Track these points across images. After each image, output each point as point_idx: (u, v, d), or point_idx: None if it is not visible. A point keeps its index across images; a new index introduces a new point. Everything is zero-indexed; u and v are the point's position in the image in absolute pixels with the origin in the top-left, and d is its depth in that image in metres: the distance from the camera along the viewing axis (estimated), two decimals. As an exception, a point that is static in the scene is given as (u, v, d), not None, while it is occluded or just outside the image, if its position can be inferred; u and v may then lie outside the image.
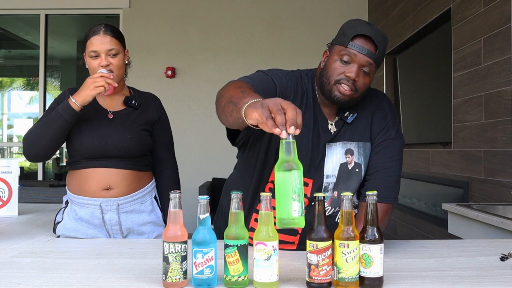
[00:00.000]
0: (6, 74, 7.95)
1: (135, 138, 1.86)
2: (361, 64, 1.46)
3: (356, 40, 1.46)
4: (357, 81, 1.47)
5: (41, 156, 1.82)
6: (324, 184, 1.56)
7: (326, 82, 1.50)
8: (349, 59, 1.46)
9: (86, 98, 1.74)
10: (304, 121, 1.47)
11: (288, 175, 1.08)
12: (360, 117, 1.58)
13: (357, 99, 1.52)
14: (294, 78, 1.57)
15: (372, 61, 1.46)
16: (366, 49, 1.45)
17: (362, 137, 1.59)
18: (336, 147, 1.57)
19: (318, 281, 1.11)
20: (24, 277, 1.22)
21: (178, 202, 1.14)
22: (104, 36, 1.81)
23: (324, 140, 1.56)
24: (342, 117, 1.56)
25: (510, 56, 2.67)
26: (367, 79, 1.49)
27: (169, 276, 1.11)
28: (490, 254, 1.46)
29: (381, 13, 5.11)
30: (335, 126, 1.57)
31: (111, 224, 1.84)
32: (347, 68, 1.46)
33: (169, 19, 5.68)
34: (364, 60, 1.45)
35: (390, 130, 1.60)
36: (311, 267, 1.11)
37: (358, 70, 1.46)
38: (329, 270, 1.11)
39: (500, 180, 2.77)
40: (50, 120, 1.76)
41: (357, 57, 1.45)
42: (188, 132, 5.43)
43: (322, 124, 1.56)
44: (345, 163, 1.56)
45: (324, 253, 1.10)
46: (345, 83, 1.47)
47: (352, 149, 1.57)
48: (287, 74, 1.57)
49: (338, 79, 1.47)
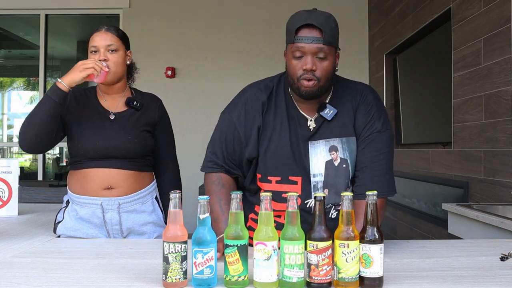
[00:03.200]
0: (6, 74, 7.95)
1: (137, 139, 1.87)
2: (313, 53, 1.49)
3: (300, 33, 1.49)
4: (316, 69, 1.50)
5: (35, 143, 1.77)
6: (313, 183, 1.58)
7: (291, 81, 1.55)
8: (300, 53, 1.50)
9: (75, 78, 1.73)
10: (279, 124, 1.58)
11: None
12: (341, 112, 1.59)
13: (326, 86, 1.55)
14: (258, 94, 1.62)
15: (321, 45, 1.48)
16: (311, 37, 1.48)
17: (345, 132, 1.59)
18: (319, 145, 1.58)
19: (318, 281, 1.10)
20: (24, 277, 1.22)
21: (178, 202, 1.14)
22: (106, 33, 1.84)
23: (304, 136, 1.58)
24: (322, 115, 1.58)
25: (510, 56, 2.67)
26: (326, 63, 1.51)
27: (169, 276, 1.11)
28: (490, 254, 1.46)
29: (381, 13, 5.11)
30: (314, 122, 1.59)
31: (112, 224, 1.84)
32: (302, 62, 1.50)
33: (169, 19, 5.68)
34: (314, 48, 1.48)
35: (376, 123, 1.60)
36: (311, 267, 1.11)
37: (312, 59, 1.49)
38: (329, 270, 1.11)
39: (500, 180, 2.77)
40: (39, 105, 1.76)
41: (306, 48, 1.48)
42: (188, 132, 5.43)
43: (300, 121, 1.59)
44: (330, 160, 1.58)
45: (324, 253, 1.10)
46: (306, 77, 1.50)
47: (336, 145, 1.58)
48: (247, 101, 1.63)
49: (299, 75, 1.51)
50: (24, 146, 1.80)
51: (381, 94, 4.99)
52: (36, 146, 1.80)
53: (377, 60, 5.19)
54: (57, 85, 1.73)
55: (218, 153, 1.64)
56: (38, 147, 1.82)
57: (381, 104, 1.66)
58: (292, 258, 1.10)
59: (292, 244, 1.10)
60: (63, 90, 1.73)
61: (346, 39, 5.66)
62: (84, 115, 1.86)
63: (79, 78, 1.73)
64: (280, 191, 1.57)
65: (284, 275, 1.11)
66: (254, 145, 1.60)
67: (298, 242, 1.10)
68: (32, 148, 1.82)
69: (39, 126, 1.74)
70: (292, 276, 1.10)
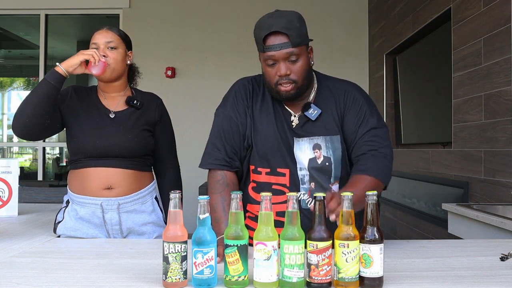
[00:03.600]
0: (6, 74, 7.96)
1: (137, 138, 1.87)
2: (284, 58, 1.51)
3: (267, 42, 1.51)
4: (290, 73, 1.53)
5: (29, 126, 1.74)
6: (300, 176, 1.60)
7: (269, 88, 1.59)
8: (272, 60, 1.52)
9: (72, 61, 1.75)
10: (265, 115, 1.63)
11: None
12: (325, 112, 1.61)
13: (305, 85, 1.58)
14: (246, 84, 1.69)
15: (290, 49, 1.50)
16: (278, 45, 1.50)
17: (329, 131, 1.61)
18: (304, 143, 1.60)
19: (318, 281, 1.10)
20: (24, 277, 1.22)
21: (178, 202, 1.14)
22: (107, 31, 1.86)
23: (288, 131, 1.61)
24: (306, 115, 1.60)
25: (510, 56, 2.67)
26: (299, 64, 1.53)
27: (169, 276, 1.11)
28: (490, 254, 1.46)
29: (381, 13, 5.11)
30: (298, 119, 1.62)
31: (112, 224, 1.84)
32: (275, 68, 1.53)
33: (169, 19, 5.68)
34: (283, 54, 1.51)
35: (371, 120, 1.61)
36: (311, 267, 1.11)
37: (285, 64, 1.52)
38: (329, 270, 1.11)
39: (500, 180, 2.77)
40: (35, 88, 1.77)
41: (276, 56, 1.51)
42: (188, 132, 5.43)
43: (285, 116, 1.63)
44: (314, 158, 1.60)
45: (324, 253, 1.10)
46: (282, 82, 1.54)
47: (319, 143, 1.60)
48: (236, 93, 1.68)
49: (275, 81, 1.55)
50: (17, 129, 1.77)
51: (381, 94, 4.99)
52: (29, 130, 1.76)
53: (377, 60, 5.19)
54: (55, 69, 1.75)
55: (219, 146, 1.66)
56: (32, 131, 1.77)
57: (371, 101, 1.67)
58: (292, 258, 1.10)
59: (292, 244, 1.10)
60: (60, 73, 1.74)
61: (346, 39, 5.71)
62: (84, 112, 1.87)
63: (77, 61, 1.74)
64: (269, 182, 1.62)
65: (284, 275, 1.11)
66: (250, 130, 1.64)
67: (298, 242, 1.10)
68: (25, 132, 1.77)
69: (33, 107, 1.72)
70: (292, 276, 1.10)
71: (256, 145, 1.63)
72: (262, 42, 1.52)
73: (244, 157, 1.67)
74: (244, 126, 1.65)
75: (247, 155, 1.67)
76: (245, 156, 1.67)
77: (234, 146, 1.65)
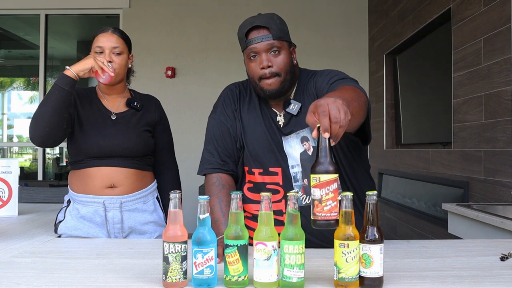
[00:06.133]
0: (6, 74, 7.95)
1: (139, 138, 1.89)
2: (265, 50, 1.56)
3: (250, 36, 1.58)
4: (272, 65, 1.56)
5: (47, 135, 1.72)
6: (292, 174, 1.61)
7: (254, 84, 1.62)
8: (254, 53, 1.57)
9: (84, 66, 1.74)
10: (253, 117, 1.66)
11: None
12: (306, 103, 1.61)
13: (288, 81, 1.59)
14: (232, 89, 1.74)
15: (271, 40, 1.55)
16: (260, 36, 1.56)
17: None
18: (292, 139, 1.62)
19: (322, 218, 1.06)
20: (24, 277, 1.22)
21: (178, 202, 1.15)
22: (112, 35, 1.86)
23: (278, 130, 1.63)
24: (288, 111, 1.62)
25: (510, 56, 2.67)
26: (280, 57, 1.57)
27: (169, 276, 1.11)
28: (490, 254, 1.46)
29: (381, 13, 5.11)
30: (283, 118, 1.64)
31: (114, 223, 1.84)
32: (258, 61, 1.57)
33: (169, 19, 5.68)
34: (265, 46, 1.56)
35: (336, 76, 1.59)
36: (314, 203, 1.07)
37: (267, 56, 1.56)
38: (334, 206, 1.06)
39: (500, 180, 2.77)
40: (47, 95, 1.75)
41: (258, 48, 1.56)
42: (188, 132, 5.43)
43: (271, 116, 1.66)
44: (304, 151, 1.61)
45: (328, 187, 1.05)
46: (265, 75, 1.57)
47: (306, 135, 1.61)
48: (225, 98, 1.73)
49: (258, 76, 1.58)
50: (37, 139, 1.75)
51: (381, 94, 5.00)
52: (48, 138, 1.74)
53: (377, 60, 5.19)
54: (65, 73, 1.73)
55: (212, 150, 1.69)
56: (50, 139, 1.75)
57: (340, 71, 1.65)
58: (292, 258, 1.10)
59: (292, 244, 1.10)
60: (71, 78, 1.73)
61: (346, 39, 5.70)
62: (86, 114, 1.88)
63: (88, 66, 1.74)
64: (263, 182, 1.64)
65: (284, 275, 1.11)
66: (240, 132, 1.68)
67: (298, 242, 1.10)
68: (44, 141, 1.76)
69: (51, 115, 1.71)
70: (292, 276, 1.10)
71: (247, 146, 1.67)
72: (244, 38, 1.58)
73: (238, 158, 1.70)
74: (234, 128, 1.69)
75: (241, 156, 1.69)
76: (239, 157, 1.70)
77: (227, 149, 1.68)
